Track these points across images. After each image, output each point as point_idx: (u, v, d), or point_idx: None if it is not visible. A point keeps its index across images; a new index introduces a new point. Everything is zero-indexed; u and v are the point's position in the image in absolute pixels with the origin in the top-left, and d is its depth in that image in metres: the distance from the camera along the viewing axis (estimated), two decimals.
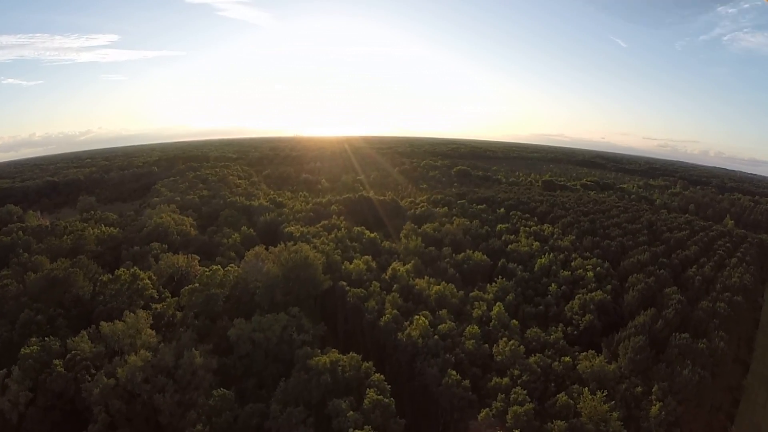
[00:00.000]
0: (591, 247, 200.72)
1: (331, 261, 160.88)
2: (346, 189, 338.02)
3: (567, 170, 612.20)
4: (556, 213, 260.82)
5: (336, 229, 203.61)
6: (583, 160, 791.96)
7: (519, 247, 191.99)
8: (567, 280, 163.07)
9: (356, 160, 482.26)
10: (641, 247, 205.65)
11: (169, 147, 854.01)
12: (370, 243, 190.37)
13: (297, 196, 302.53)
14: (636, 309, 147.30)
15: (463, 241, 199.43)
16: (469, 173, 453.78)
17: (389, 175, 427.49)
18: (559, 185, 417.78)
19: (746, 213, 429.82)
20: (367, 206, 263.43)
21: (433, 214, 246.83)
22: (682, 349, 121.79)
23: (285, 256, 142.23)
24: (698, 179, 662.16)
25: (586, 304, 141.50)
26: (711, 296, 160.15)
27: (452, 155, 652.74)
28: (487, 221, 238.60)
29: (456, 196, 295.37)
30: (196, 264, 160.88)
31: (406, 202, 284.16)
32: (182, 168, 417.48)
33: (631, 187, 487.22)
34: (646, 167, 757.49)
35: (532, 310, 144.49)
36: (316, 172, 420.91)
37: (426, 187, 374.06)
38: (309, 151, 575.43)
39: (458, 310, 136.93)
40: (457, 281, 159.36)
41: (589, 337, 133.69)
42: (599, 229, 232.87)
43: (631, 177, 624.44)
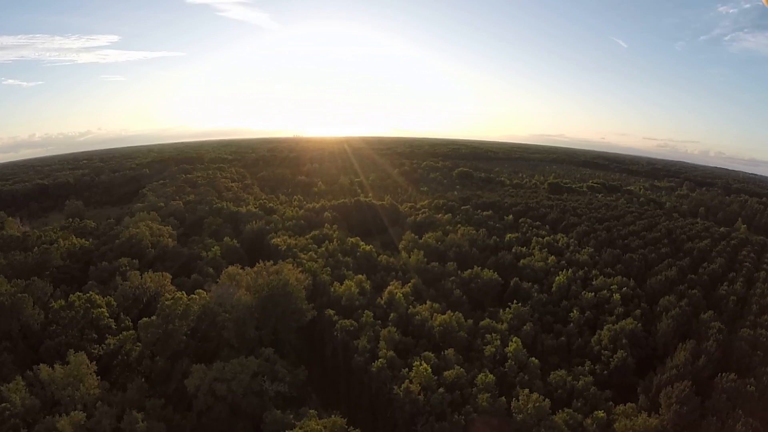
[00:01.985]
0: (612, 262, 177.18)
1: (319, 282, 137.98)
2: (343, 192, 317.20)
3: (570, 171, 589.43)
4: (569, 220, 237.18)
5: (328, 241, 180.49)
6: (585, 160, 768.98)
7: (532, 261, 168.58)
8: (590, 303, 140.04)
9: (355, 161, 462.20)
10: (666, 261, 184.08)
11: (166, 148, 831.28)
12: (365, 258, 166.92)
13: (291, 200, 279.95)
14: (671, 339, 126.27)
15: (469, 254, 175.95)
16: (471, 175, 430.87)
17: (389, 176, 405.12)
18: (566, 188, 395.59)
19: (757, 216, 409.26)
20: (363, 212, 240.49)
21: (435, 222, 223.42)
22: (730, 394, 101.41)
23: (262, 280, 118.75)
24: (703, 180, 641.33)
25: (617, 336, 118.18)
26: (749, 321, 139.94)
27: (453, 156, 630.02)
28: (495, 230, 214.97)
29: (459, 201, 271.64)
30: (167, 283, 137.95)
31: (405, 207, 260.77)
32: (174, 170, 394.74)
33: (638, 190, 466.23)
34: (648, 168, 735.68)
35: (553, 342, 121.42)
36: (313, 173, 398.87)
37: (427, 190, 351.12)
38: (307, 152, 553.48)
39: (467, 345, 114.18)
40: (464, 305, 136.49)
41: (621, 377, 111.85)
42: (617, 239, 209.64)
43: (636, 178, 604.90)
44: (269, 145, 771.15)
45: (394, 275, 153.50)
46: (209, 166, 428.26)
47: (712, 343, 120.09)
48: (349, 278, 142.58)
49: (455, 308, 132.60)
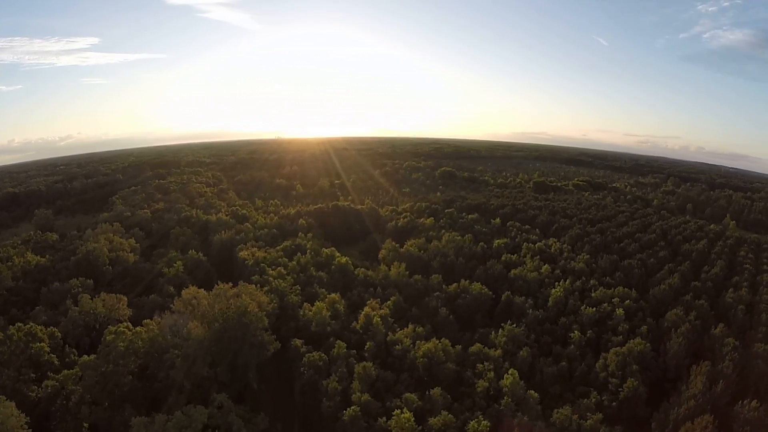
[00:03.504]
0: (610, 269, 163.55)
1: (287, 304, 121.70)
2: (323, 195, 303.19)
3: (554, 169, 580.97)
4: (560, 223, 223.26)
5: (300, 253, 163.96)
6: (569, 157, 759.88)
7: (525, 271, 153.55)
8: (591, 319, 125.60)
9: (335, 162, 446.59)
10: (666, 266, 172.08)
11: (146, 152, 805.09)
12: (341, 272, 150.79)
13: (267, 206, 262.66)
14: (683, 359, 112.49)
15: (455, 264, 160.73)
16: (454, 175, 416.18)
17: (370, 178, 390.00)
18: (552, 186, 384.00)
19: (745, 212, 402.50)
20: (341, 218, 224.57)
21: (417, 227, 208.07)
22: (753, 425, 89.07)
23: (219, 307, 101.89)
24: (687, 176, 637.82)
25: (625, 361, 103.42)
26: (761, 333, 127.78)
27: (435, 155, 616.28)
28: (482, 235, 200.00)
29: (443, 204, 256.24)
30: (122, 307, 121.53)
31: (386, 211, 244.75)
32: (149, 175, 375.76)
33: (624, 187, 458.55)
34: (631, 164, 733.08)
35: (553, 369, 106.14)
36: (293, 176, 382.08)
37: (409, 191, 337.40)
38: (288, 153, 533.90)
39: (456, 378, 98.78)
40: (450, 326, 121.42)
41: (632, 409, 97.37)
42: (613, 243, 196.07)
43: (620, 175, 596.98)
44: (250, 147, 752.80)
45: (372, 291, 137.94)
46: (185, 170, 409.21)
47: (728, 364, 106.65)
48: (322, 297, 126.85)
49: (441, 330, 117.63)
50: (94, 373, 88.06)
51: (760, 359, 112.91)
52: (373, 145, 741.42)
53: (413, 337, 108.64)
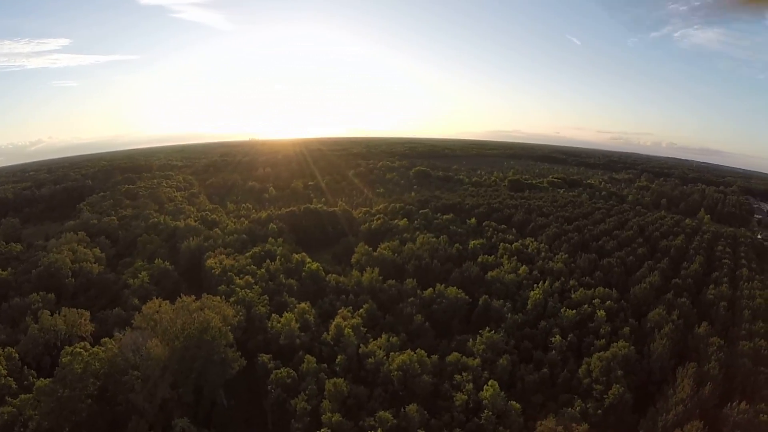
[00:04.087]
0: (589, 269, 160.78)
1: (254, 316, 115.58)
2: (296, 197, 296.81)
3: (529, 167, 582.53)
4: (536, 221, 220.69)
5: (269, 260, 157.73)
6: (543, 155, 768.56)
7: (502, 273, 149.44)
8: (572, 322, 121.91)
9: (309, 163, 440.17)
10: (646, 264, 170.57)
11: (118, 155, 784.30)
12: (312, 279, 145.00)
13: (239, 209, 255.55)
14: (667, 361, 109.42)
15: (430, 267, 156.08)
16: (428, 174, 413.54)
17: (344, 178, 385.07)
18: (527, 184, 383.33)
19: (719, 205, 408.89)
20: (313, 221, 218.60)
21: (391, 229, 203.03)
22: (744, 428, 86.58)
23: (181, 322, 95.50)
24: (660, 171, 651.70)
25: (609, 366, 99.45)
26: (744, 329, 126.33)
27: (410, 155, 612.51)
28: (457, 236, 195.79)
29: (417, 204, 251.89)
30: (84, 322, 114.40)
31: (360, 213, 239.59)
32: (119, 180, 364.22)
33: (599, 183, 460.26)
34: (605, 161, 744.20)
35: (534, 376, 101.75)
36: (265, 179, 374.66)
37: (383, 192, 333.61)
38: (262, 155, 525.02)
39: (433, 391, 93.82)
40: (426, 334, 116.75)
41: (618, 416, 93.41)
42: (591, 242, 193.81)
43: (594, 171, 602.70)
44: (223, 149, 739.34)
45: (344, 299, 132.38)
46: (156, 174, 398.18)
47: (714, 364, 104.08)
48: (291, 308, 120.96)
49: (416, 339, 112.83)
50: (50, 398, 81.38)
51: (746, 357, 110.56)
52: (348, 145, 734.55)
53: (387, 347, 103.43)
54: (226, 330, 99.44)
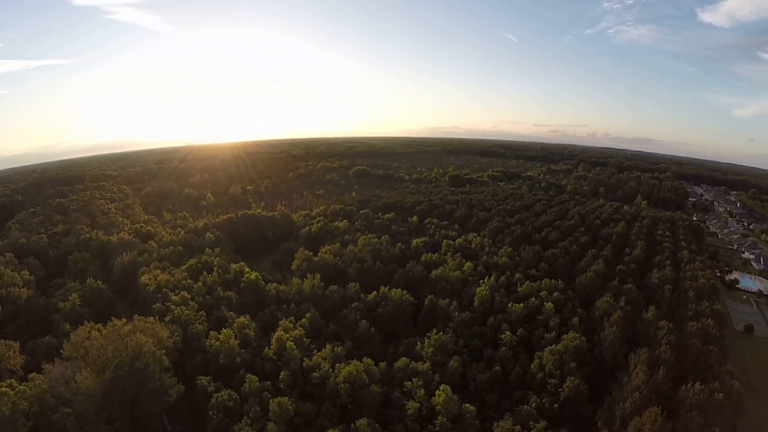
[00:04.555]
0: (534, 261, 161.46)
1: (191, 335, 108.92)
2: (234, 203, 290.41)
3: (468, 161, 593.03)
4: (478, 216, 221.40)
5: (206, 272, 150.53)
6: (482, 150, 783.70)
7: (446, 271, 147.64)
8: (520, 316, 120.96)
9: (248, 167, 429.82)
10: (589, 253, 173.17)
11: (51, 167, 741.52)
12: (251, 289, 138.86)
13: (175, 219, 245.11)
14: (619, 348, 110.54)
15: (373, 269, 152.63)
16: (369, 173, 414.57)
17: (283, 181, 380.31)
18: (467, 179, 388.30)
19: (654, 191, 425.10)
20: (252, 227, 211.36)
21: (332, 231, 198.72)
22: (700, 408, 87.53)
23: (112, 349, 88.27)
24: (596, 160, 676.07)
25: (562, 359, 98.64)
26: (691, 310, 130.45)
27: (350, 155, 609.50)
28: (399, 235, 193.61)
29: (358, 204, 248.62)
30: (14, 354, 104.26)
31: (299, 216, 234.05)
32: (50, 193, 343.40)
33: (538, 175, 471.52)
34: (543, 153, 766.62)
35: (486, 375, 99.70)
36: (203, 185, 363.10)
37: (323, 193, 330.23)
38: (199, 161, 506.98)
39: (384, 401, 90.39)
40: (372, 340, 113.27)
41: (574, 408, 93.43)
42: (533, 233, 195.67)
43: (533, 163, 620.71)
44: (159, 156, 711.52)
45: (285, 309, 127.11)
46: (89, 185, 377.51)
47: (665, 348, 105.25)
48: (231, 323, 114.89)
49: (362, 346, 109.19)
50: None
51: (695, 338, 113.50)
52: (286, 147, 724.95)
53: (332, 358, 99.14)
54: (161, 354, 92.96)
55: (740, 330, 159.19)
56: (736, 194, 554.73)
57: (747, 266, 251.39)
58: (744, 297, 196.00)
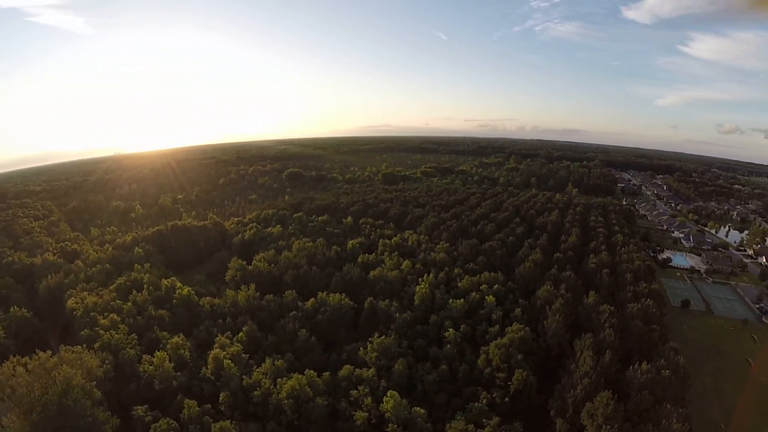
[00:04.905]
0: (472, 255, 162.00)
1: (123, 361, 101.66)
2: (164, 214, 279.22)
3: (401, 159, 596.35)
4: (413, 213, 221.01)
5: (136, 290, 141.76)
6: (414, 146, 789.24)
7: (385, 271, 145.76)
8: (462, 311, 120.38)
9: (177, 175, 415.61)
10: (526, 242, 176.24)
11: None
12: (184, 305, 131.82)
13: (103, 234, 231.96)
14: (563, 335, 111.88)
15: (309, 274, 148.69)
16: (301, 175, 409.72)
17: (214, 188, 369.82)
18: (401, 176, 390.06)
19: (584, 179, 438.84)
20: (183, 238, 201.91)
21: (265, 238, 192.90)
22: (650, 388, 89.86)
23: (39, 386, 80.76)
24: (527, 152, 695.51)
25: (508, 352, 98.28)
26: (630, 291, 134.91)
27: (282, 157, 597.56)
28: (334, 237, 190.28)
29: (291, 208, 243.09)
30: None
31: (231, 224, 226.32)
32: None
33: (470, 168, 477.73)
34: (474, 147, 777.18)
35: (434, 375, 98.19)
36: (131, 196, 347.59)
37: (256, 198, 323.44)
38: (127, 171, 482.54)
39: (331, 413, 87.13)
40: (313, 349, 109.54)
41: (525, 400, 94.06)
42: (470, 227, 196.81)
43: (465, 158, 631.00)
44: (85, 167, 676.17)
45: (221, 324, 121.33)
46: (11, 203, 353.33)
47: (609, 332, 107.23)
48: (164, 344, 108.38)
49: (304, 357, 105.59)
50: None
51: (637, 319, 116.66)
52: (217, 152, 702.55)
53: (273, 373, 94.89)
54: (91, 386, 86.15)
55: (677, 306, 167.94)
56: (662, 178, 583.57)
57: (677, 245, 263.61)
58: (678, 274, 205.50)
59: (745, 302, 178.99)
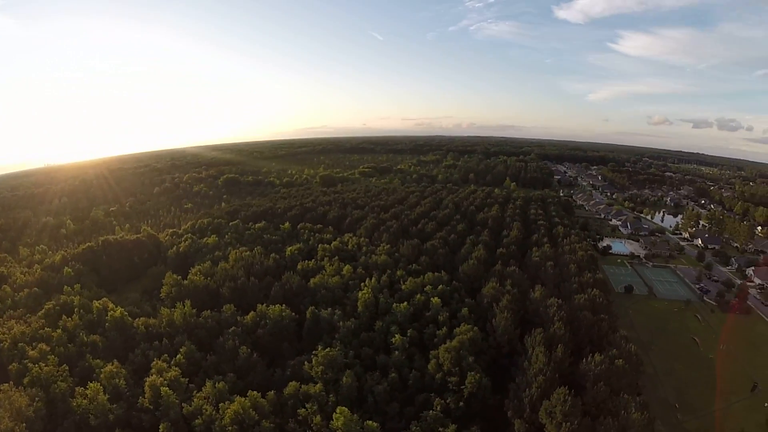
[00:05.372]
0: (414, 255, 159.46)
1: (55, 396, 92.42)
2: (97, 228, 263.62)
3: (339, 160, 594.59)
4: (352, 215, 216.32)
5: (66, 315, 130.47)
6: (352, 147, 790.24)
7: (325, 278, 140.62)
8: (407, 315, 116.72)
9: (110, 186, 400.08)
10: (468, 239, 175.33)
11: None
12: (118, 328, 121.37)
13: (33, 253, 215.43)
14: (513, 332, 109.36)
15: (247, 286, 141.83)
16: (238, 181, 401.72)
17: (148, 198, 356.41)
18: (339, 178, 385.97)
19: (522, 173, 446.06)
20: (116, 254, 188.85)
21: (201, 249, 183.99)
22: (606, 379, 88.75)
23: None
24: (464, 149, 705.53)
25: (459, 356, 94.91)
26: (576, 282, 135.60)
27: (217, 163, 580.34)
28: (272, 244, 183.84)
29: (227, 216, 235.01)
30: None
31: (166, 235, 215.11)
32: None
33: (408, 167, 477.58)
34: (411, 145, 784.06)
35: (384, 386, 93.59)
36: (62, 211, 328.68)
37: (191, 207, 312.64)
38: (57, 183, 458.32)
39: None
40: (256, 367, 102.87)
41: (480, 402, 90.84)
42: (410, 227, 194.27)
43: (403, 156, 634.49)
44: (13, 181, 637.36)
45: (158, 346, 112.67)
46: None
47: (559, 325, 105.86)
48: (98, 373, 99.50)
49: (246, 376, 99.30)
50: None
51: (585, 310, 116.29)
52: (151, 160, 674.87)
53: (215, 397, 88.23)
54: (22, 429, 77.67)
55: (621, 291, 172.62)
56: (596, 169, 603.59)
57: (616, 232, 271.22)
58: (619, 261, 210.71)
59: (686, 283, 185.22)
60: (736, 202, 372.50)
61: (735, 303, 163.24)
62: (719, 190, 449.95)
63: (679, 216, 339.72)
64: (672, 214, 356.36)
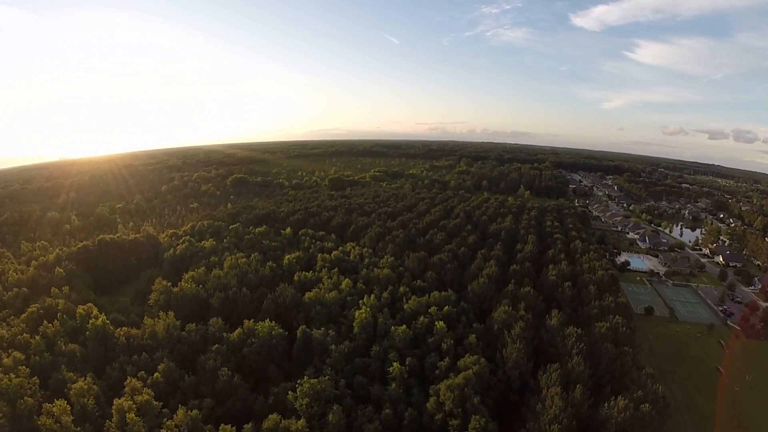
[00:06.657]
0: (419, 269, 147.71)
1: (20, 413, 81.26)
2: (101, 225, 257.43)
3: (351, 162, 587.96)
4: (357, 222, 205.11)
5: (46, 321, 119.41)
6: (364, 150, 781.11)
7: (322, 293, 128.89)
8: (407, 340, 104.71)
9: (119, 182, 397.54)
10: (479, 253, 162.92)
11: None
12: (98, 338, 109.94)
13: (33, 249, 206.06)
14: (525, 365, 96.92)
15: (239, 297, 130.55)
16: (246, 181, 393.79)
17: (156, 195, 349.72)
18: (348, 181, 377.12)
19: (536, 181, 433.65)
20: (111, 255, 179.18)
21: (197, 253, 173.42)
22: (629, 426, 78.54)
23: None
24: (477, 155, 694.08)
25: (463, 394, 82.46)
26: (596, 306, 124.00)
27: (228, 162, 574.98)
28: (271, 251, 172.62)
29: (228, 218, 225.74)
30: None
31: (166, 236, 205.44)
32: None
33: (420, 172, 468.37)
34: (424, 150, 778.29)
35: (375, 424, 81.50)
36: (68, 206, 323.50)
37: (197, 206, 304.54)
38: (68, 177, 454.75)
39: None
40: (237, 391, 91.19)
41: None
42: (417, 237, 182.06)
43: (415, 161, 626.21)
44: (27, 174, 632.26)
45: (137, 360, 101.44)
46: None
47: (577, 360, 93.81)
48: (69, 388, 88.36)
49: (226, 400, 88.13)
50: None
51: (607, 341, 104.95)
52: (163, 157, 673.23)
53: (188, 426, 76.88)
54: None
55: (641, 313, 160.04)
56: (612, 178, 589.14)
57: (633, 246, 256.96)
58: (638, 278, 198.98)
59: (708, 305, 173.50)
60: (756, 216, 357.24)
61: (761, 328, 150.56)
62: (737, 204, 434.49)
63: (698, 230, 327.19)
64: (690, 227, 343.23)
